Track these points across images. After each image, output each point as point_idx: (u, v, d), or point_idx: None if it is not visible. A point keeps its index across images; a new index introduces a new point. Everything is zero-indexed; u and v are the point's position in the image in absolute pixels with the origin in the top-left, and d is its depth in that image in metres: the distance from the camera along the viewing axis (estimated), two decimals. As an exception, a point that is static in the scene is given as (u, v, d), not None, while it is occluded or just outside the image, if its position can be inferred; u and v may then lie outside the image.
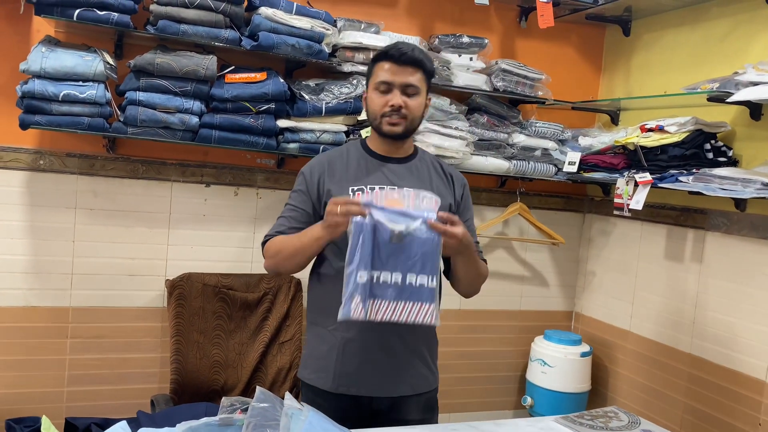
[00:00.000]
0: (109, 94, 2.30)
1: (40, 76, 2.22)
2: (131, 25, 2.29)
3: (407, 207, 1.59)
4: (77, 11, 2.20)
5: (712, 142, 2.52)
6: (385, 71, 1.77)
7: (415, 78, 1.78)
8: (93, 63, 2.26)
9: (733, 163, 2.52)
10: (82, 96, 2.25)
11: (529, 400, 3.07)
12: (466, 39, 2.79)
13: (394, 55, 1.76)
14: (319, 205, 1.82)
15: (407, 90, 1.77)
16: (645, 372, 2.91)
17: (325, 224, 1.64)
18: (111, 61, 2.35)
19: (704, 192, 2.32)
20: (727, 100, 2.27)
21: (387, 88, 1.78)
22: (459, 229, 1.61)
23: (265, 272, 2.72)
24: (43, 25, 2.43)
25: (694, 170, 2.47)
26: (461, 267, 1.81)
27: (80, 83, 2.26)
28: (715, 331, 2.58)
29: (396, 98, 1.76)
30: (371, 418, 1.80)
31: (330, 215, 1.61)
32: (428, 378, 1.89)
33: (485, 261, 1.93)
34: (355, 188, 1.80)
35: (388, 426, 1.67)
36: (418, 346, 1.86)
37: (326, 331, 1.83)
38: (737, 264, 2.50)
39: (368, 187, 1.80)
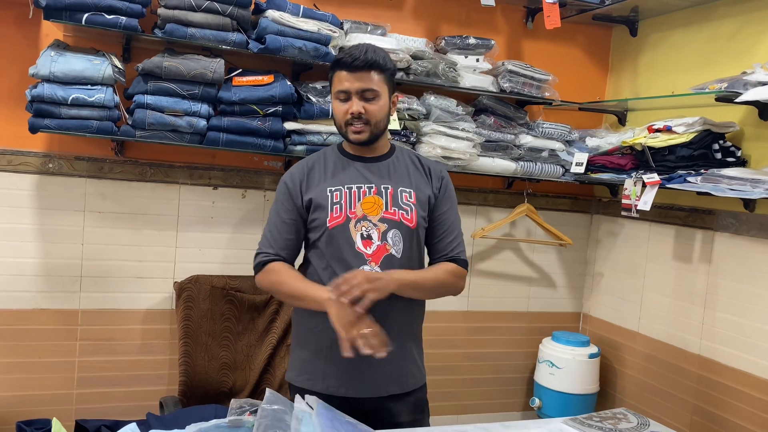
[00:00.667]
0: (117, 98, 2.31)
1: (50, 80, 2.23)
2: (139, 28, 2.30)
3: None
4: (86, 15, 2.22)
5: (721, 142, 2.51)
6: (341, 79, 1.78)
7: (373, 82, 1.77)
8: (101, 67, 2.28)
9: (741, 163, 2.51)
10: (90, 99, 2.26)
11: (537, 401, 3.06)
12: (472, 40, 2.79)
13: (346, 62, 1.76)
14: (303, 211, 1.84)
15: (365, 95, 1.77)
16: (654, 373, 2.90)
17: (338, 319, 1.64)
18: (119, 64, 2.36)
19: (713, 193, 2.31)
20: (736, 100, 2.26)
21: (345, 96, 1.79)
22: (363, 288, 1.62)
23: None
24: (51, 30, 2.45)
25: (702, 171, 2.45)
26: (412, 295, 1.82)
27: (89, 87, 2.27)
28: (725, 332, 2.57)
29: (355, 106, 1.77)
30: (360, 419, 1.80)
31: (348, 325, 1.61)
32: (416, 375, 1.90)
33: (464, 260, 1.90)
34: (333, 189, 1.82)
35: (380, 429, 1.67)
36: (405, 344, 1.87)
37: (311, 333, 1.84)
38: (746, 265, 2.49)
39: (345, 186, 1.82)
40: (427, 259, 1.93)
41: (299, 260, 1.92)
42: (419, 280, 1.81)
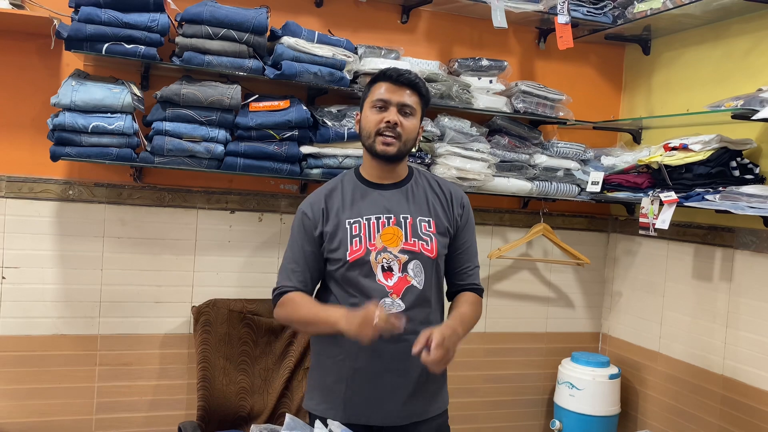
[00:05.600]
0: (136, 125, 2.35)
1: (71, 109, 2.27)
2: (158, 57, 2.34)
3: None
4: (106, 45, 2.26)
5: (738, 159, 2.49)
6: (382, 91, 1.79)
7: (412, 100, 1.80)
8: (121, 95, 2.32)
9: (760, 180, 2.49)
10: (110, 127, 2.30)
11: (557, 424, 3.02)
12: (485, 62, 2.81)
13: (392, 75, 1.79)
14: (319, 243, 1.83)
15: (404, 109, 1.78)
16: (676, 394, 2.85)
17: (350, 326, 1.61)
18: (138, 92, 2.40)
19: (732, 210, 2.29)
20: (753, 118, 2.25)
21: (383, 105, 1.78)
22: (438, 356, 1.59)
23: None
24: (72, 59, 2.50)
25: (720, 188, 2.44)
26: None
27: (109, 115, 2.31)
28: (748, 352, 2.52)
29: (392, 115, 1.77)
30: None
31: (361, 326, 1.58)
32: (439, 400, 1.89)
33: (481, 289, 1.92)
34: (352, 221, 1.80)
35: None
36: (428, 372, 1.82)
37: (333, 361, 1.82)
38: (768, 283, 2.46)
39: (364, 218, 1.80)
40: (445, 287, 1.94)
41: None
42: (467, 326, 1.81)
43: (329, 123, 2.58)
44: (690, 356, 2.79)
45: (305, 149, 2.55)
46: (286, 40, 2.48)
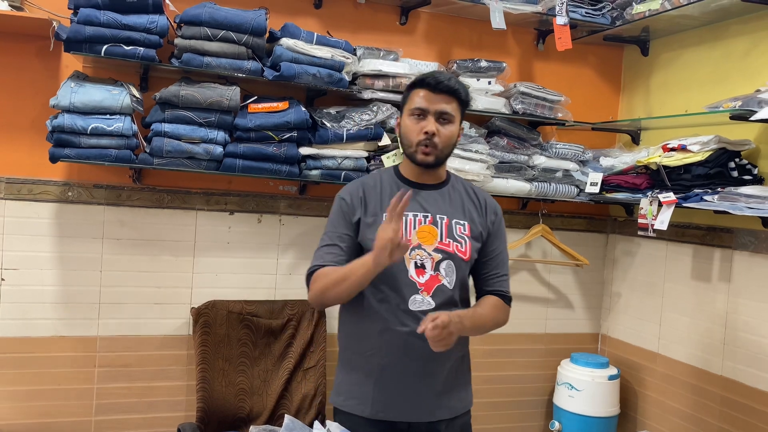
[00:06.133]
0: (135, 127, 2.35)
1: (70, 110, 2.27)
2: (156, 58, 2.34)
3: None
4: (105, 47, 2.27)
5: (737, 160, 2.49)
6: (420, 98, 1.80)
7: (450, 107, 1.80)
8: (120, 96, 2.32)
9: (758, 180, 2.49)
10: (109, 129, 2.30)
11: (557, 425, 3.02)
12: (484, 63, 2.81)
13: (430, 83, 1.80)
14: (356, 229, 1.84)
15: (441, 117, 1.80)
16: (676, 395, 2.85)
17: (376, 255, 1.64)
18: (137, 94, 2.40)
19: (731, 211, 2.29)
20: (751, 118, 2.25)
21: (421, 113, 1.80)
22: (434, 334, 1.61)
23: (289, 298, 2.76)
24: (71, 61, 2.50)
25: (719, 189, 2.44)
26: (468, 335, 1.86)
27: (108, 116, 2.31)
28: (748, 352, 2.53)
29: (430, 125, 1.79)
30: None
31: (381, 247, 1.61)
32: (464, 399, 1.92)
33: (509, 297, 1.92)
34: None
35: None
36: (455, 370, 1.88)
37: (362, 357, 1.84)
38: (767, 283, 2.46)
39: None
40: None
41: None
42: (479, 323, 1.82)
43: (328, 124, 2.58)
44: (689, 357, 2.79)
45: (304, 150, 2.56)
46: (285, 41, 2.48)
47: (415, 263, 1.79)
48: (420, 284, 1.78)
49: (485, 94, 2.84)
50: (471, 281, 1.96)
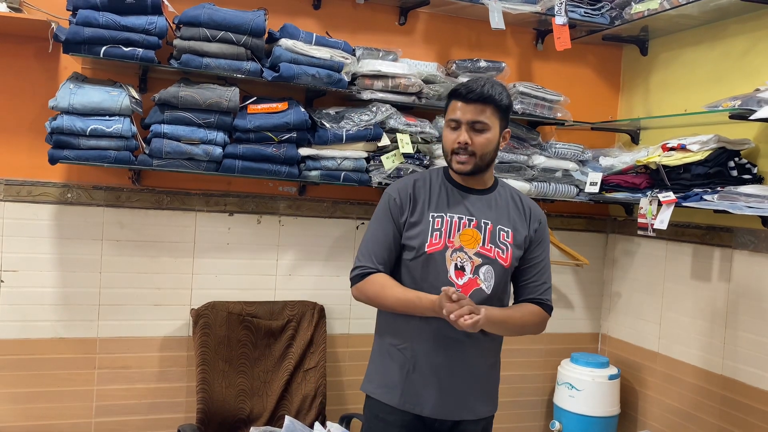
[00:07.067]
0: (134, 128, 2.35)
1: (69, 112, 2.27)
2: (155, 60, 2.34)
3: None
4: (104, 48, 2.26)
5: (736, 159, 2.49)
6: (454, 109, 1.83)
7: (484, 115, 1.80)
8: (119, 98, 2.32)
9: (758, 180, 2.49)
10: (108, 130, 2.30)
11: (557, 424, 3.02)
12: (483, 63, 2.81)
13: (462, 93, 1.81)
14: (402, 228, 1.87)
15: (475, 126, 1.81)
16: (676, 394, 2.85)
17: (438, 311, 1.69)
18: (136, 95, 2.40)
19: (730, 210, 2.29)
20: (750, 118, 2.25)
21: (455, 125, 1.83)
22: (464, 311, 1.64)
23: (289, 299, 2.76)
24: (70, 62, 2.50)
25: (718, 188, 2.44)
26: (496, 332, 1.87)
27: (107, 118, 2.31)
28: (748, 352, 2.53)
29: (462, 135, 1.80)
30: None
31: (447, 313, 1.65)
32: (490, 404, 1.93)
33: (549, 306, 1.93)
34: (435, 215, 1.85)
35: None
36: (486, 371, 1.91)
37: (396, 348, 1.87)
38: (767, 282, 2.46)
39: (447, 215, 1.85)
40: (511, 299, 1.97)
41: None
42: (507, 321, 1.84)
43: (327, 125, 2.58)
44: (689, 356, 2.79)
45: (303, 151, 2.56)
46: (284, 42, 2.48)
47: (455, 265, 1.81)
48: (458, 285, 1.80)
49: (484, 94, 2.83)
50: (512, 289, 1.98)
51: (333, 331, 2.85)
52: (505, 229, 1.87)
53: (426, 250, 1.82)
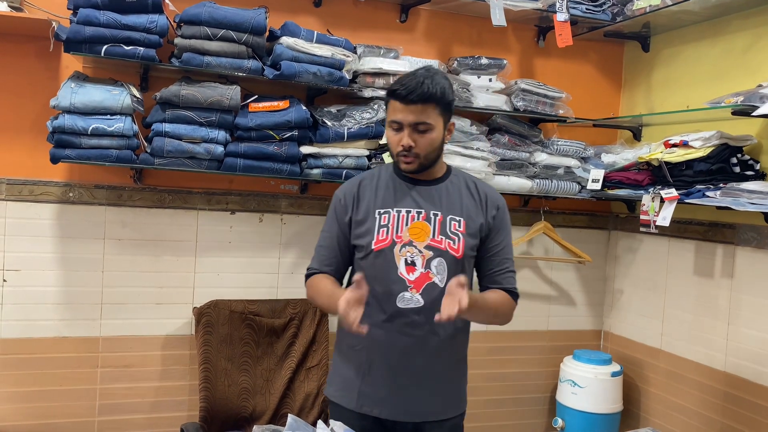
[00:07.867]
0: (136, 127, 2.35)
1: (70, 111, 2.27)
2: (157, 58, 2.34)
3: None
4: (105, 47, 2.26)
5: (739, 155, 2.49)
6: (395, 110, 1.76)
7: (426, 114, 1.73)
8: (120, 97, 2.32)
9: (761, 176, 2.49)
10: (110, 129, 2.30)
11: (560, 422, 3.02)
12: (484, 60, 2.81)
13: (401, 94, 1.72)
14: (348, 228, 1.86)
15: (418, 127, 1.75)
16: (679, 391, 2.85)
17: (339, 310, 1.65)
18: (137, 94, 2.40)
19: (733, 207, 2.29)
20: (753, 114, 2.25)
21: (398, 126, 1.77)
22: (451, 312, 1.57)
23: (291, 297, 2.77)
24: (71, 62, 2.49)
25: (721, 185, 2.43)
26: (475, 318, 1.82)
27: (108, 117, 2.31)
28: (750, 348, 2.52)
29: (405, 139, 1.75)
30: None
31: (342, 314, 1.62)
32: (455, 404, 1.88)
33: (515, 292, 1.87)
34: (382, 211, 1.82)
35: None
36: (446, 371, 1.85)
37: (351, 350, 1.85)
38: (770, 279, 2.46)
39: (395, 209, 1.82)
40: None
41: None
42: (489, 307, 1.78)
43: (329, 123, 2.58)
44: (692, 353, 2.79)
45: (305, 149, 2.55)
46: (285, 40, 2.48)
47: (405, 260, 1.77)
48: (409, 281, 1.77)
49: (486, 92, 2.83)
50: (476, 280, 1.94)
51: (336, 329, 2.85)
52: (456, 218, 1.82)
53: (373, 247, 1.79)
